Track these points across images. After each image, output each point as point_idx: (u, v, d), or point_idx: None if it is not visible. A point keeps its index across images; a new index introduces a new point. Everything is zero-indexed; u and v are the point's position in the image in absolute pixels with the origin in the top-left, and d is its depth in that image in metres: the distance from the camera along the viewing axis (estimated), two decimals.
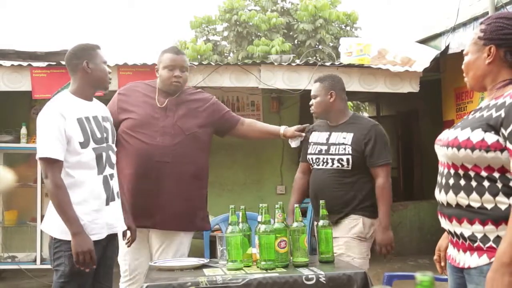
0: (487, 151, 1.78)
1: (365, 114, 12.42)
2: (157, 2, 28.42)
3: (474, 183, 1.82)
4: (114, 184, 2.85)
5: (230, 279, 2.35)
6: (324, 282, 2.37)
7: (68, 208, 2.59)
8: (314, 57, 11.94)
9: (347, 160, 3.10)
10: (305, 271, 2.45)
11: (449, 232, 1.93)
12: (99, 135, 2.78)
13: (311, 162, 3.28)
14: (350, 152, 3.10)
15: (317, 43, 12.64)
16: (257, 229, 2.56)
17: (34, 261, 5.69)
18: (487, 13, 4.33)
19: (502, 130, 1.76)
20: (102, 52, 2.90)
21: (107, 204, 2.77)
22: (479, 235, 1.81)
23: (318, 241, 2.74)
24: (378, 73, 5.96)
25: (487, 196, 1.79)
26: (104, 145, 2.80)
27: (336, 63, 6.36)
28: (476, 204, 1.81)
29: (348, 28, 13.54)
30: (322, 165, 3.19)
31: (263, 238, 2.52)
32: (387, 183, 3.12)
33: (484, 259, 1.80)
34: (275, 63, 6.08)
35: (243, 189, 7.60)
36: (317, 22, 12.67)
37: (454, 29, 5.08)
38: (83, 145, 2.70)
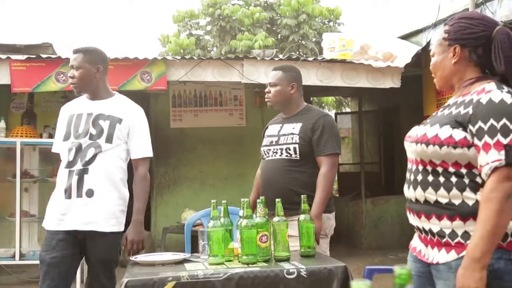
0: (454, 148, 1.81)
1: (348, 109, 12.49)
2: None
3: (442, 179, 1.84)
4: (88, 180, 2.83)
5: (211, 274, 2.35)
6: (305, 276, 2.38)
7: None
8: (297, 52, 11.96)
9: (294, 149, 3.08)
10: (286, 265, 2.45)
11: (417, 228, 1.95)
12: (81, 131, 2.85)
13: (263, 155, 3.27)
14: (297, 141, 3.09)
15: (300, 38, 12.65)
16: (239, 223, 2.56)
17: (13, 256, 5.61)
18: (467, 9, 4.37)
19: (470, 126, 1.79)
20: (72, 56, 3.01)
21: (68, 197, 2.82)
22: (447, 231, 1.82)
23: (300, 235, 2.74)
24: (360, 68, 5.98)
25: (454, 191, 1.81)
26: (85, 139, 2.83)
27: (319, 58, 6.38)
28: (444, 200, 1.83)
29: (331, 23, 13.58)
30: (272, 155, 3.17)
31: (245, 233, 2.52)
32: (329, 172, 3.05)
33: (452, 255, 1.81)
34: (258, 58, 6.07)
35: (226, 184, 7.60)
36: (300, 17, 12.69)
37: (435, 25, 5.12)
38: (64, 138, 2.89)
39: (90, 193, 2.83)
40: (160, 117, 7.77)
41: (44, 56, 5.70)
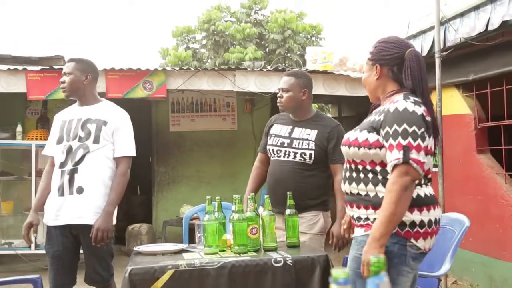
0: (369, 149, 1.96)
1: (329, 115, 12.52)
2: (142, 12, 28.11)
3: (362, 175, 2.00)
4: (78, 178, 2.81)
5: (206, 262, 2.35)
6: (291, 264, 2.38)
7: (38, 190, 3.04)
8: (283, 64, 11.98)
9: (310, 155, 2.98)
10: (274, 255, 2.46)
11: (351, 216, 2.11)
12: (71, 134, 2.86)
13: (271, 153, 3.10)
14: (313, 147, 2.98)
15: (286, 52, 12.69)
16: (231, 217, 2.55)
17: (29, 246, 5.58)
18: (433, 27, 4.39)
19: (381, 131, 1.94)
20: (66, 64, 3.02)
21: (61, 195, 2.81)
22: (363, 216, 2.00)
23: (286, 228, 2.73)
24: (340, 78, 6.00)
25: (370, 186, 1.97)
26: (75, 142, 2.84)
27: (303, 69, 6.38)
28: (363, 192, 2.00)
29: (313, 38, 13.63)
30: (284, 156, 3.03)
31: (237, 226, 2.52)
32: None
33: (361, 232, 2.00)
34: (248, 69, 6.07)
35: (220, 182, 7.58)
36: (286, 33, 12.74)
37: None
38: (57, 142, 2.90)
39: (80, 190, 2.80)
40: (160, 122, 7.75)
41: (56, 67, 5.66)
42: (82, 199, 2.80)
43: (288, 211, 2.71)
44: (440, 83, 4.27)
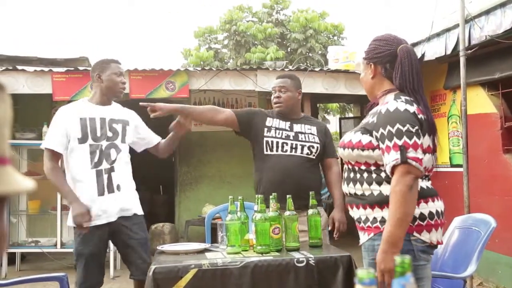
0: (362, 150, 1.95)
1: (350, 115, 12.43)
2: (165, 14, 28.37)
3: (358, 175, 1.99)
4: (115, 177, 2.88)
5: (229, 262, 2.35)
6: (313, 264, 2.37)
7: (61, 184, 2.81)
8: (305, 64, 11.94)
9: (317, 148, 3.04)
10: (296, 255, 2.45)
11: (353, 218, 2.08)
12: (99, 134, 2.88)
13: (272, 146, 3.02)
14: (318, 141, 3.06)
15: (308, 51, 12.64)
16: (254, 217, 2.56)
17: (55, 245, 5.68)
18: (457, 25, 4.32)
19: (375, 133, 1.92)
20: (116, 65, 3.00)
21: (101, 194, 2.84)
22: (363, 217, 1.98)
23: (308, 228, 2.72)
24: None
25: (365, 185, 1.97)
26: (104, 142, 2.89)
27: (325, 69, 6.35)
28: (359, 192, 1.99)
29: (335, 37, 13.54)
30: (291, 151, 3.00)
31: (259, 225, 2.52)
32: (341, 171, 3.04)
33: (365, 237, 1.98)
34: (270, 69, 6.07)
35: (241, 181, 7.59)
36: (307, 32, 12.69)
37: (429, 39, 5.07)
38: (81, 140, 2.86)
39: (118, 188, 2.90)
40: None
41: (81, 68, 5.75)
42: (123, 194, 2.92)
43: (310, 211, 2.70)
44: (465, 82, 4.20)
